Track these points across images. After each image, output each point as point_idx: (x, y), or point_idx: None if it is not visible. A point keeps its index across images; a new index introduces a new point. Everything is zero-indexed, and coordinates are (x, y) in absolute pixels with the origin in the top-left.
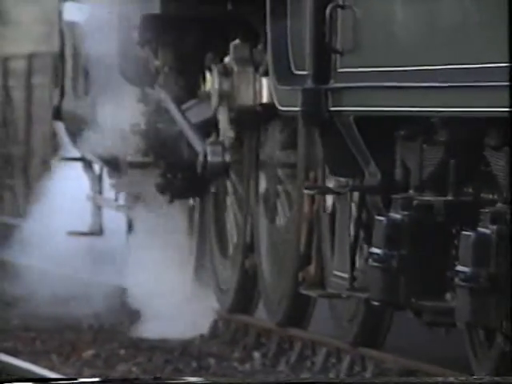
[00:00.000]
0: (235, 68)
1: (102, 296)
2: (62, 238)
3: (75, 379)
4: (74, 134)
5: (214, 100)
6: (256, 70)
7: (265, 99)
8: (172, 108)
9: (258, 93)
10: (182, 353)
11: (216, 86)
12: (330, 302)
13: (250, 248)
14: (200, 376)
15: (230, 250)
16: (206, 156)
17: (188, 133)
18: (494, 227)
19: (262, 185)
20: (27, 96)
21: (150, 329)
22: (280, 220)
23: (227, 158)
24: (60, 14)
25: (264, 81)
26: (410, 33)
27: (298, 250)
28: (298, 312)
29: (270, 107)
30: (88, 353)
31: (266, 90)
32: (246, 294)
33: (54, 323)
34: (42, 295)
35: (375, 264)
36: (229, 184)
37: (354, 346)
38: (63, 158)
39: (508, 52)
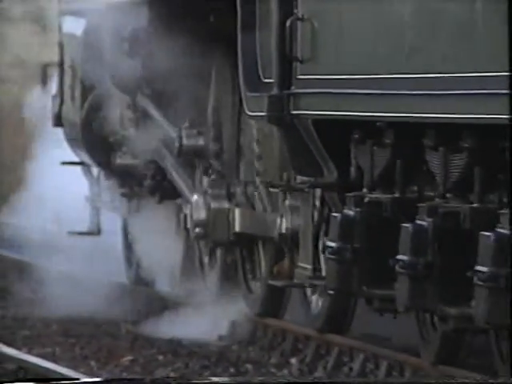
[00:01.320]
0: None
1: (142, 302)
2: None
3: (77, 379)
4: (73, 140)
5: None
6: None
7: None
8: (156, 114)
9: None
10: (220, 358)
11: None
12: (301, 293)
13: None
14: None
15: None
16: (181, 139)
17: (169, 130)
18: (430, 220)
19: (242, 175)
20: None
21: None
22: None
23: (200, 141)
24: (60, 27)
25: None
26: (362, 43)
27: (275, 245)
28: (273, 302)
29: None
30: (126, 358)
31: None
32: (229, 287)
33: (92, 328)
34: (80, 300)
35: (330, 256)
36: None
37: (321, 332)
38: (64, 162)
39: (508, 61)
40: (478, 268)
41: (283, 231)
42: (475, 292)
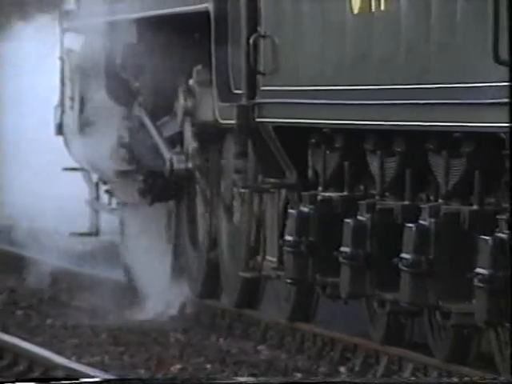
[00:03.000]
0: (197, 89)
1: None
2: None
3: (76, 379)
4: (72, 147)
5: (180, 116)
6: None
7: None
8: (148, 124)
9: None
10: (268, 367)
11: (181, 103)
12: (272, 285)
13: (213, 242)
14: None
15: (199, 243)
16: (172, 163)
17: (160, 145)
18: (369, 215)
19: (222, 188)
20: None
21: None
22: (236, 218)
23: (190, 165)
24: (61, 43)
25: None
26: (315, 58)
27: (249, 242)
28: (250, 294)
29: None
30: (175, 367)
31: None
32: (212, 282)
33: (141, 337)
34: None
35: (288, 248)
36: (197, 188)
37: (290, 321)
38: (65, 168)
39: (509, 69)
40: (478, 270)
41: None
42: (476, 293)
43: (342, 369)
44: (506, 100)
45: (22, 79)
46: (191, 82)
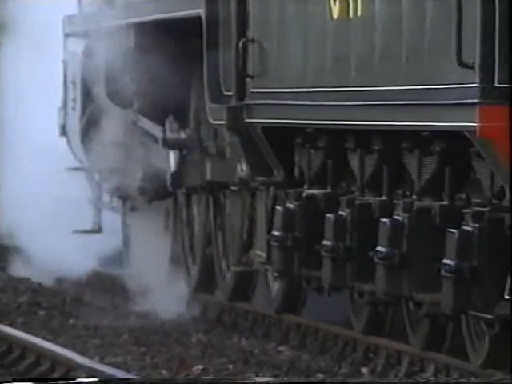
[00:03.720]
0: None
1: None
2: None
3: (73, 379)
4: (74, 147)
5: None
6: None
7: None
8: (144, 123)
9: None
10: (290, 368)
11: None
12: (265, 280)
13: (209, 238)
14: None
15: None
16: (164, 132)
17: (154, 131)
18: (348, 210)
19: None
20: None
21: None
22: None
23: (182, 135)
24: (65, 47)
25: None
26: (302, 61)
27: (242, 238)
28: (242, 288)
29: None
30: (197, 367)
31: None
32: (208, 277)
33: (163, 337)
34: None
35: (275, 243)
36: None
37: (277, 313)
38: (69, 168)
39: (508, 73)
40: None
41: None
42: (443, 283)
43: (364, 369)
44: (471, 101)
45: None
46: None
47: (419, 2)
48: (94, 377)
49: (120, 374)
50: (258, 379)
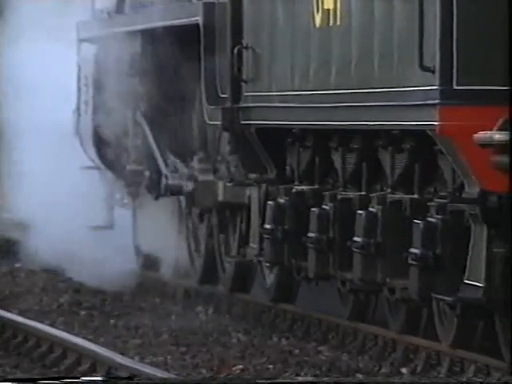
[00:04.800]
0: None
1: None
2: None
3: (77, 378)
4: (87, 147)
5: None
6: None
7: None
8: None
9: None
10: (330, 368)
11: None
12: (261, 271)
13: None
14: None
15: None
16: (167, 178)
17: (156, 154)
18: (332, 204)
19: None
20: None
21: None
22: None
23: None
24: (78, 51)
25: None
26: (289, 66)
27: (240, 232)
28: (242, 279)
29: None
30: (237, 367)
31: None
32: (211, 269)
33: (202, 337)
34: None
35: (267, 236)
36: None
37: (273, 302)
38: (83, 166)
39: (508, 75)
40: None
41: None
42: (409, 270)
43: (404, 370)
44: (432, 102)
45: None
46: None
47: (388, 12)
48: (117, 377)
49: (160, 373)
50: (300, 379)
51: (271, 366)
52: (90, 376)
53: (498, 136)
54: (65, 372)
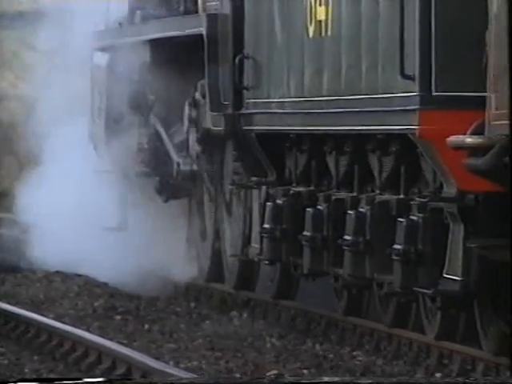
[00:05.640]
0: (201, 101)
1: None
2: None
3: (80, 379)
4: (100, 152)
5: (185, 124)
6: None
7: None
8: (161, 131)
9: None
10: (364, 373)
11: (186, 113)
12: (261, 270)
13: (218, 233)
14: None
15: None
16: (178, 165)
17: (170, 150)
18: (325, 205)
19: (225, 187)
20: None
21: None
22: (234, 212)
23: (194, 167)
24: (91, 59)
25: None
26: (287, 74)
27: (244, 232)
28: (247, 276)
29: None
30: (271, 372)
31: None
32: (217, 268)
33: (237, 342)
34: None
35: (266, 235)
36: (204, 187)
37: (274, 299)
38: (97, 170)
39: (443, 83)
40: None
41: None
42: (393, 265)
43: (438, 375)
44: (413, 107)
45: None
46: (196, 94)
47: (374, 23)
48: (77, 379)
49: (195, 378)
50: (326, 379)
51: (306, 371)
52: (92, 377)
53: (470, 140)
54: (100, 377)
